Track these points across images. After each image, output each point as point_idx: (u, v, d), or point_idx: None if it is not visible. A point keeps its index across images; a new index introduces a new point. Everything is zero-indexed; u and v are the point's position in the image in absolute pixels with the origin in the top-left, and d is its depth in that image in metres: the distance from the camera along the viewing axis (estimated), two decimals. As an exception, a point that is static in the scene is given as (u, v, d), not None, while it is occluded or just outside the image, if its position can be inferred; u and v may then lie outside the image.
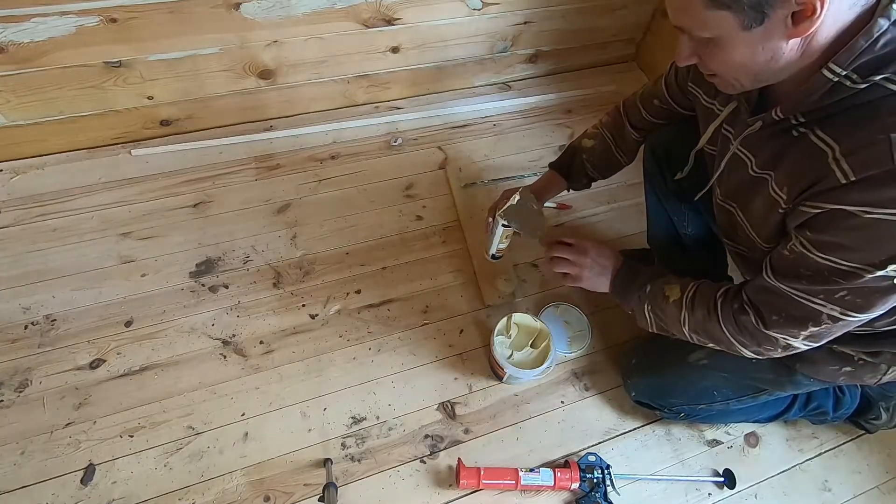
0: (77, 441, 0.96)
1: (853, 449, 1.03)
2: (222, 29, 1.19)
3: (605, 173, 1.01)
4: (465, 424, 1.02)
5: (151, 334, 1.09)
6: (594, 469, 0.94)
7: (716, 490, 0.97)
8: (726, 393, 0.88)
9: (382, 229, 1.28)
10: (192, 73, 1.26)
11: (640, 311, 0.82)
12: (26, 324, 1.08)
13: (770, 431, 1.03)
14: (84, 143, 1.35)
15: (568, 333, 1.13)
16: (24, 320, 1.08)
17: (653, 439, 1.02)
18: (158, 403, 1.00)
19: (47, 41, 1.09)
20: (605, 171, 1.01)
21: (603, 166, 1.00)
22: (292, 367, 1.07)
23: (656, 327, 0.81)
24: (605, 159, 0.99)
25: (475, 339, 1.12)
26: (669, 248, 1.06)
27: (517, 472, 0.93)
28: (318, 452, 0.97)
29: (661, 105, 0.89)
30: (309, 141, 1.43)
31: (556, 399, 1.06)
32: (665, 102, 0.88)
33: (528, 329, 1.05)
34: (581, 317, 1.15)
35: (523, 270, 1.22)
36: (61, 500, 0.90)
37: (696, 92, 0.76)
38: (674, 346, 0.88)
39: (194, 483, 0.93)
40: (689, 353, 0.89)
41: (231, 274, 1.19)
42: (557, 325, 1.13)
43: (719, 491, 0.97)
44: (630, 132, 0.95)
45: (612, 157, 0.98)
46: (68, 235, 1.20)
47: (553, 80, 1.61)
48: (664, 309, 0.76)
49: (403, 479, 0.96)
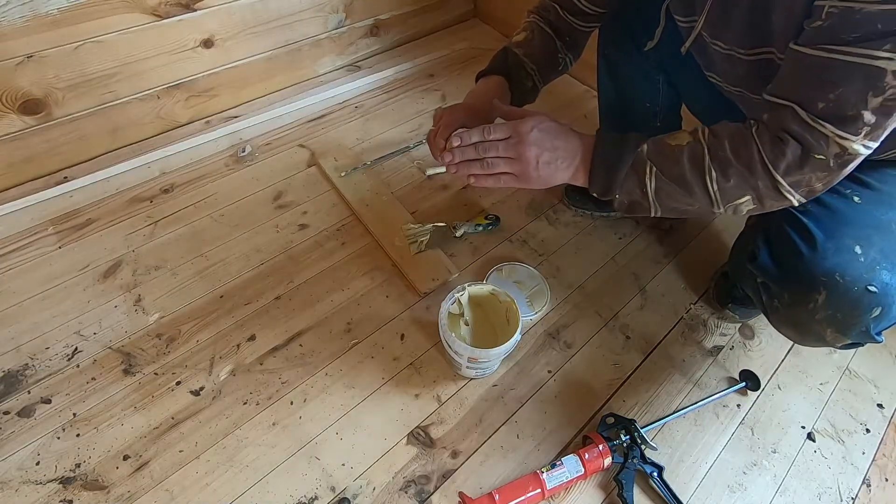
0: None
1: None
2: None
3: (546, 73, 0.80)
4: (450, 447, 0.77)
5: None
6: (619, 432, 0.76)
7: (742, 398, 0.85)
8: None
9: (260, 254, 0.98)
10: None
11: (636, 184, 0.60)
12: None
13: (757, 318, 0.94)
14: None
15: (524, 294, 0.94)
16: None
17: (658, 371, 0.87)
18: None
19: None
20: (546, 69, 0.80)
21: (544, 61, 0.79)
22: (187, 472, 0.73)
23: (663, 201, 0.60)
24: (545, 51, 0.79)
25: (422, 339, 0.88)
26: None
27: (538, 477, 0.70)
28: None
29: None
30: (126, 181, 1.08)
31: (541, 371, 0.86)
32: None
33: (480, 301, 0.84)
34: (532, 272, 0.97)
35: (450, 242, 1.01)
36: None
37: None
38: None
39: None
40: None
41: (51, 381, 0.80)
42: (509, 288, 0.93)
43: (746, 397, 0.85)
44: (569, 18, 0.77)
45: (552, 50, 0.79)
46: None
47: (402, 51, 1.46)
48: (677, 159, 0.57)
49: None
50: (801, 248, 0.62)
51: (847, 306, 0.60)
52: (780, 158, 0.52)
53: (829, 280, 0.59)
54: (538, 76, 0.79)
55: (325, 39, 1.30)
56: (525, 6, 0.82)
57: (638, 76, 0.86)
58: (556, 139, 0.63)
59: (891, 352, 0.92)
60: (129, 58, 1.03)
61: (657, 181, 0.59)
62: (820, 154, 0.51)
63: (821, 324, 0.63)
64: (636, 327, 0.92)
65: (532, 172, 0.62)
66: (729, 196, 0.57)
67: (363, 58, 1.41)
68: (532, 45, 0.79)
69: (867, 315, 0.59)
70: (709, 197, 0.57)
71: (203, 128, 1.19)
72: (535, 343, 0.89)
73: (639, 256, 1.02)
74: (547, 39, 0.79)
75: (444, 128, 0.70)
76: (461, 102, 0.77)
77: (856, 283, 0.58)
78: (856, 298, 0.59)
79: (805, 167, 0.52)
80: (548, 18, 0.79)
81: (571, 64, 0.83)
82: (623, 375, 0.86)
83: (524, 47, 0.79)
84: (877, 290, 0.58)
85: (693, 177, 0.57)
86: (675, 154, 0.58)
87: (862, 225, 0.61)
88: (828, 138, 0.49)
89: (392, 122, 1.26)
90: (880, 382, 0.88)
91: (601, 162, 0.61)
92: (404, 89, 1.35)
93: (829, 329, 0.63)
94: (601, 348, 0.89)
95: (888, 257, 0.59)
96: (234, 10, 1.11)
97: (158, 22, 1.03)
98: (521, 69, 0.78)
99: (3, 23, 0.87)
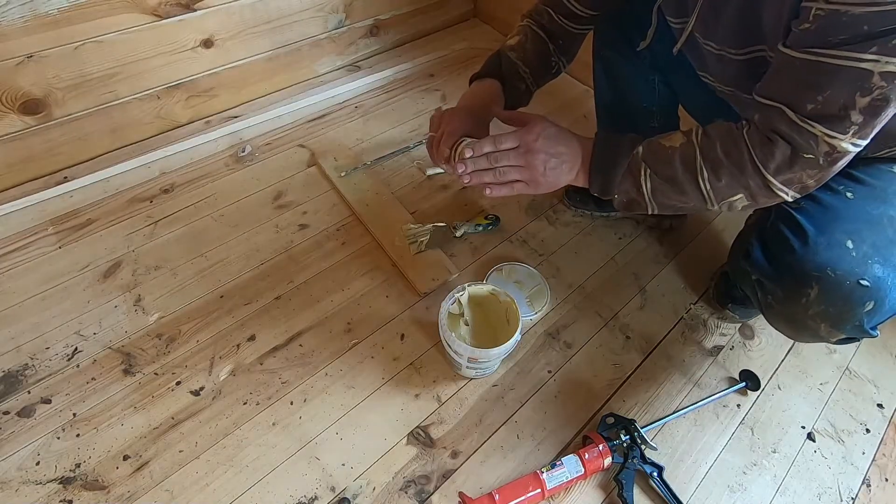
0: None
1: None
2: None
3: (540, 77, 0.80)
4: (450, 447, 0.77)
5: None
6: (619, 432, 0.75)
7: (742, 398, 0.85)
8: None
9: (260, 254, 0.98)
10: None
11: (632, 185, 0.62)
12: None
13: (757, 318, 0.94)
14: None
15: (524, 294, 0.94)
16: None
17: (658, 371, 0.87)
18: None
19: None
20: (539, 73, 0.80)
21: (537, 65, 0.79)
22: (187, 472, 0.73)
23: (658, 199, 0.62)
24: (538, 55, 0.78)
25: (422, 340, 0.88)
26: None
27: (538, 477, 0.70)
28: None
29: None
30: (126, 181, 1.08)
31: (541, 371, 0.86)
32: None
33: (479, 301, 0.84)
34: (532, 272, 0.97)
35: (450, 242, 1.01)
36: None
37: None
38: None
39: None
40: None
41: (51, 381, 0.80)
42: (509, 288, 0.93)
43: (746, 397, 0.85)
44: (562, 22, 0.77)
45: (545, 54, 0.79)
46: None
47: (402, 51, 1.46)
48: (669, 160, 0.59)
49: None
50: (794, 244, 0.62)
51: (839, 301, 0.60)
52: (770, 159, 0.53)
53: (822, 275, 0.60)
54: (531, 79, 0.80)
55: (325, 39, 1.30)
56: (525, 6, 0.82)
57: (633, 77, 0.86)
58: (559, 144, 0.64)
59: (891, 352, 0.92)
60: (129, 58, 1.03)
61: (652, 181, 0.61)
62: (809, 153, 0.51)
63: (814, 319, 0.63)
64: (636, 327, 0.92)
65: (541, 178, 0.64)
66: (722, 195, 0.58)
67: (363, 58, 1.41)
68: (525, 49, 0.79)
69: (860, 309, 0.59)
70: (702, 196, 0.59)
71: (203, 128, 1.19)
72: (535, 343, 0.89)
73: (639, 256, 1.02)
74: (540, 43, 0.79)
75: (448, 136, 0.70)
76: (457, 106, 0.77)
77: (848, 277, 0.58)
78: (848, 292, 0.59)
79: (795, 166, 0.53)
80: (541, 22, 0.79)
81: (565, 67, 0.83)
82: (623, 375, 0.86)
83: (518, 51, 0.79)
84: (869, 283, 0.58)
85: (685, 177, 0.58)
86: (667, 155, 0.60)
87: (853, 220, 0.61)
88: (817, 138, 0.50)
89: (392, 122, 1.26)
90: (880, 382, 0.88)
91: (599, 164, 0.64)
92: (404, 89, 1.35)
93: (823, 324, 0.63)
94: (601, 348, 0.89)
95: (880, 251, 0.59)
96: (234, 10, 1.11)
97: (158, 22, 1.03)
98: (515, 73, 0.78)
99: (3, 23, 0.87)
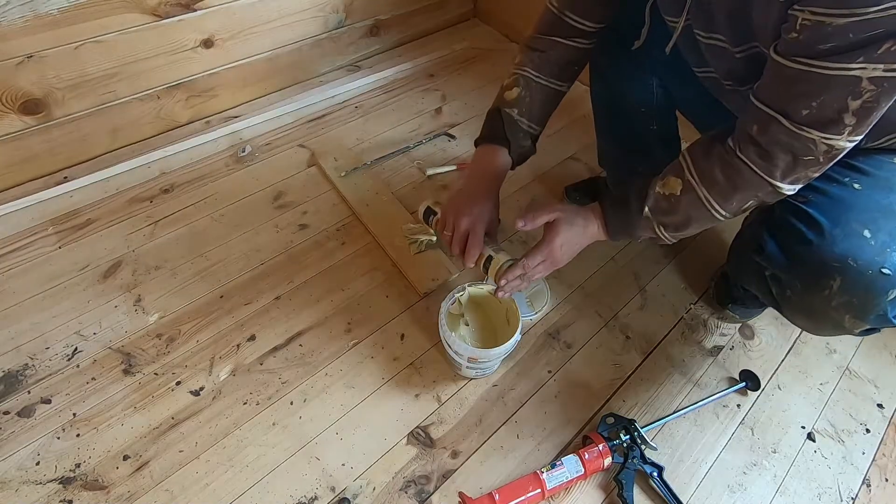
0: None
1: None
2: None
3: (544, 120, 0.81)
4: (450, 447, 0.77)
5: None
6: (619, 432, 0.75)
7: (742, 398, 0.85)
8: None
9: (261, 253, 0.98)
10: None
11: (651, 234, 0.69)
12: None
13: (757, 318, 0.94)
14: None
15: (524, 294, 0.94)
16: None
17: (658, 371, 0.87)
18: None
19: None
20: (544, 119, 0.81)
21: (540, 114, 0.80)
22: (187, 472, 0.73)
23: (678, 235, 0.68)
24: (541, 104, 0.79)
25: (422, 339, 0.88)
26: (630, 153, 0.95)
27: (538, 477, 0.70)
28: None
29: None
30: (126, 181, 1.08)
31: (541, 371, 0.86)
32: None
33: (479, 301, 0.84)
34: (530, 271, 0.97)
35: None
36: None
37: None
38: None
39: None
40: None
41: (51, 381, 0.80)
42: (509, 288, 0.94)
43: (746, 397, 0.85)
44: (574, 43, 0.77)
45: (550, 97, 0.79)
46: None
47: (402, 51, 1.46)
48: (677, 208, 0.63)
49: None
50: (809, 236, 0.62)
51: (862, 290, 0.59)
52: (774, 168, 0.56)
53: (843, 265, 0.59)
54: (537, 131, 0.81)
55: (325, 39, 1.30)
56: (525, 7, 0.82)
57: (630, 80, 0.86)
58: (578, 239, 0.73)
59: (891, 352, 0.92)
60: (129, 58, 1.03)
61: (668, 229, 0.67)
62: (809, 155, 0.54)
63: (837, 310, 0.62)
64: (636, 327, 0.92)
65: (560, 263, 0.75)
66: (734, 210, 0.62)
67: (363, 58, 1.41)
68: (525, 103, 0.78)
69: (883, 298, 0.59)
70: (717, 219, 0.63)
71: (203, 128, 1.19)
72: (535, 343, 0.89)
73: (639, 256, 1.02)
74: (542, 91, 0.78)
75: (468, 238, 0.76)
76: (466, 190, 0.79)
77: (869, 266, 0.58)
78: (870, 282, 0.58)
79: (798, 168, 0.55)
80: (540, 63, 0.77)
81: (567, 89, 0.82)
82: (623, 375, 0.86)
83: (518, 106, 0.78)
84: (890, 272, 0.57)
85: (697, 214, 0.63)
86: (673, 206, 0.64)
87: (866, 209, 0.61)
88: (815, 141, 0.52)
89: (392, 122, 1.26)
90: (880, 382, 0.88)
91: (615, 233, 0.72)
92: (404, 89, 1.35)
93: (847, 315, 0.62)
94: (601, 348, 0.89)
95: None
96: (234, 10, 1.11)
97: (158, 22, 1.03)
98: (519, 131, 0.79)
99: (3, 23, 0.87)
